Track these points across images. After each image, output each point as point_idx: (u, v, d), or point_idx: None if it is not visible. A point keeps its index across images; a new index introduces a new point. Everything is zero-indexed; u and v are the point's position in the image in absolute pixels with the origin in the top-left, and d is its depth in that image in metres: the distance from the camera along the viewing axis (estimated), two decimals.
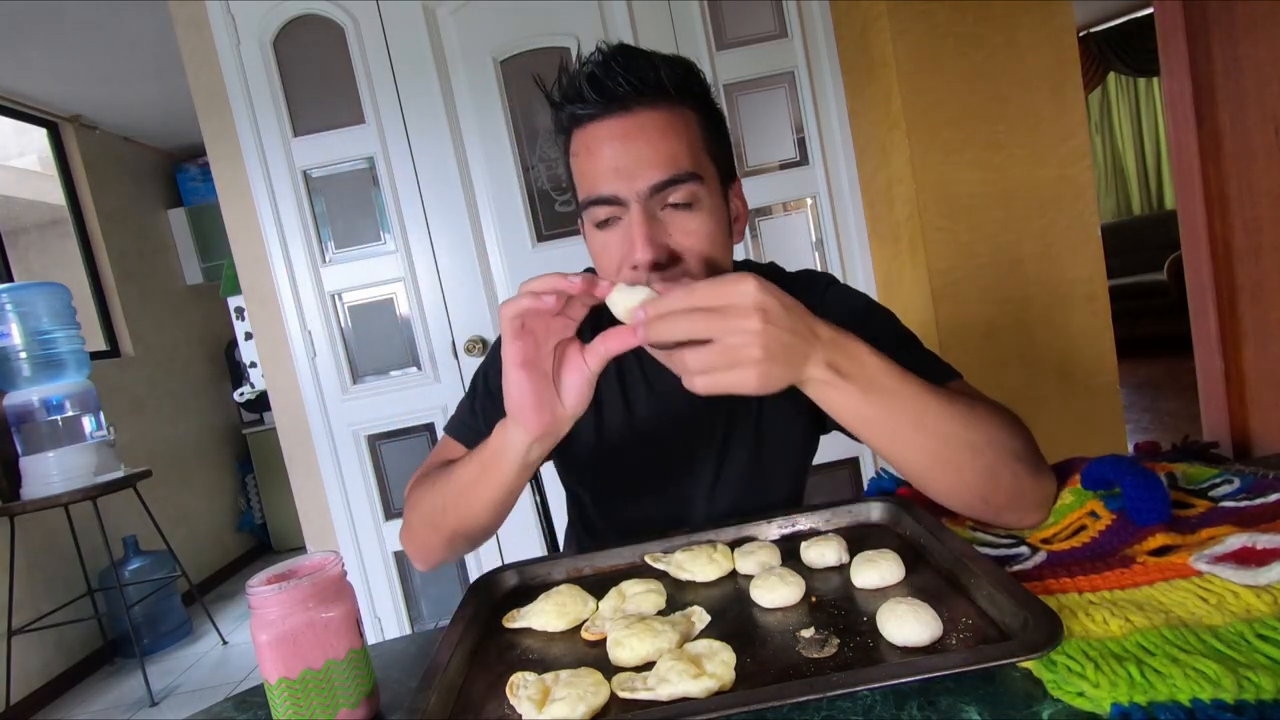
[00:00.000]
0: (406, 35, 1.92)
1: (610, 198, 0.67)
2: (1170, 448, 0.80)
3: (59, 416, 2.47)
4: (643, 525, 0.85)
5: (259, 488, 3.97)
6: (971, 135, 1.68)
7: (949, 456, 0.58)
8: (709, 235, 0.69)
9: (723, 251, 0.71)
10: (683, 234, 0.68)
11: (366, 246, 2.01)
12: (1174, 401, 3.45)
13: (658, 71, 0.67)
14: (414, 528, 0.76)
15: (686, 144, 0.68)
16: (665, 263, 0.67)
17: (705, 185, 0.69)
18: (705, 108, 0.72)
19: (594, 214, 0.69)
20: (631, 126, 0.67)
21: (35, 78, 2.87)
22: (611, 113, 0.67)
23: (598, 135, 0.68)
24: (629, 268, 0.68)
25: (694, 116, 0.70)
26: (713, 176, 0.71)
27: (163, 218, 3.87)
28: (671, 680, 0.46)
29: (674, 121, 0.68)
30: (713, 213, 0.69)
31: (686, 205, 0.68)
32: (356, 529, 2.04)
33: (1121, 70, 5.09)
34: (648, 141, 0.66)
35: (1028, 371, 1.74)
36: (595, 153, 0.68)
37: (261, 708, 0.59)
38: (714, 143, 0.72)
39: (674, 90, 0.68)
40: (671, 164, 0.66)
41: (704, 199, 0.69)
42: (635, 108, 0.67)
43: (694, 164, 0.68)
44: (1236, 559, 0.50)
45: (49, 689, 2.60)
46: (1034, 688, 0.43)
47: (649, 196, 0.67)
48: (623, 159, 0.66)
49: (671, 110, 0.68)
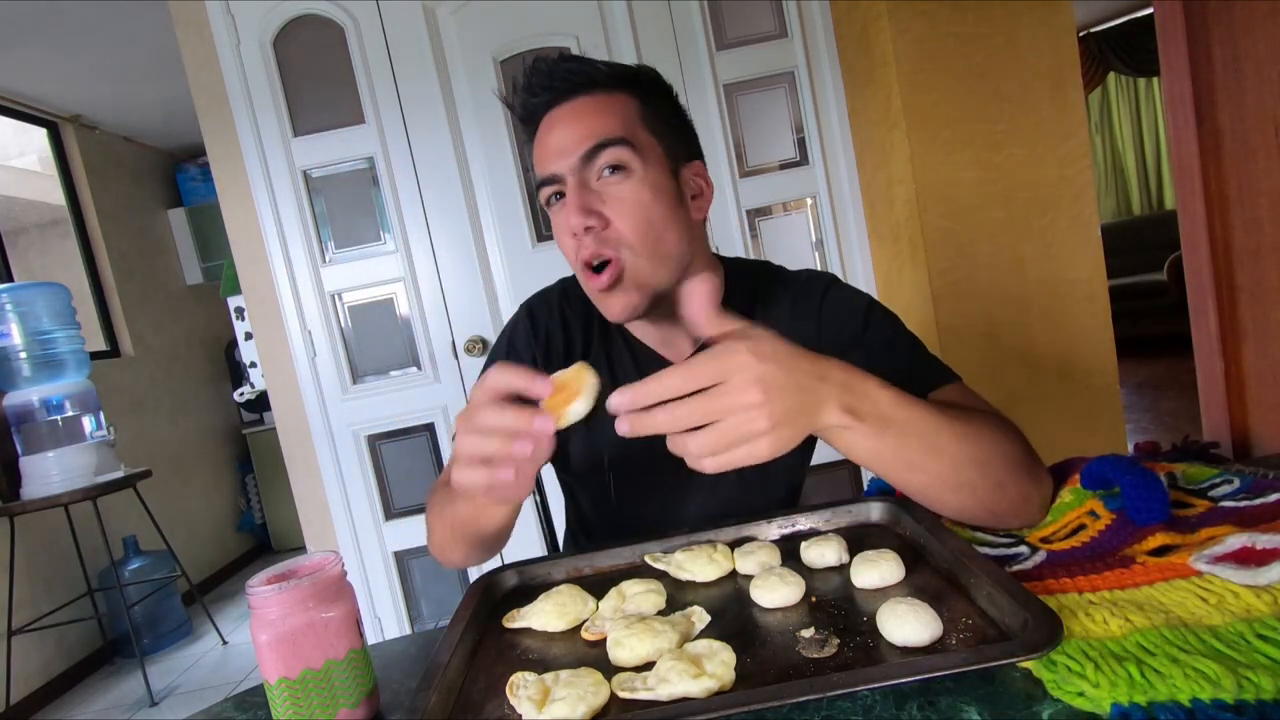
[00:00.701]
0: (406, 35, 1.92)
1: (551, 176, 0.74)
2: (1170, 448, 0.80)
3: (59, 416, 2.47)
4: (640, 525, 0.85)
5: (259, 488, 3.97)
6: (971, 135, 1.68)
7: (961, 478, 0.58)
8: (643, 203, 0.72)
9: (664, 222, 0.74)
10: (615, 201, 0.72)
11: (366, 246, 2.01)
12: (1174, 401, 3.45)
13: (595, 67, 0.74)
14: (434, 542, 0.77)
15: (620, 119, 0.73)
16: (598, 228, 0.72)
17: (638, 154, 0.72)
18: (650, 98, 0.77)
19: (543, 194, 0.76)
20: (569, 112, 0.74)
21: (35, 78, 2.87)
22: (555, 104, 0.74)
23: (544, 125, 0.75)
24: (569, 236, 0.73)
25: (631, 102, 0.75)
26: (652, 148, 0.74)
27: (163, 218, 3.87)
28: (671, 680, 0.46)
29: (608, 103, 0.74)
30: (648, 182, 0.73)
31: (619, 170, 0.72)
32: (356, 529, 2.04)
33: (1121, 70, 5.09)
34: (579, 120, 0.73)
35: (1028, 371, 1.74)
36: (541, 140, 0.75)
37: (261, 708, 0.59)
38: (660, 125, 0.76)
39: (609, 81, 0.74)
40: (600, 134, 0.72)
41: (636, 168, 0.72)
42: (573, 96, 0.74)
43: (625, 132, 0.72)
44: (1236, 559, 0.50)
45: (49, 689, 2.60)
46: (1034, 688, 0.43)
47: (581, 168, 0.72)
48: (560, 139, 0.73)
49: (608, 95, 0.74)
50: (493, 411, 0.52)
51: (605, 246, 0.72)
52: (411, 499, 2.06)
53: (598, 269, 0.73)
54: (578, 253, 0.74)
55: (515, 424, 0.52)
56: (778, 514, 0.73)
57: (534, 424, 0.51)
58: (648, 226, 0.72)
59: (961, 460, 0.58)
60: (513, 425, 0.52)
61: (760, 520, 0.72)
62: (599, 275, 0.73)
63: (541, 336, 0.86)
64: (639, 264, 0.73)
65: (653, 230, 0.73)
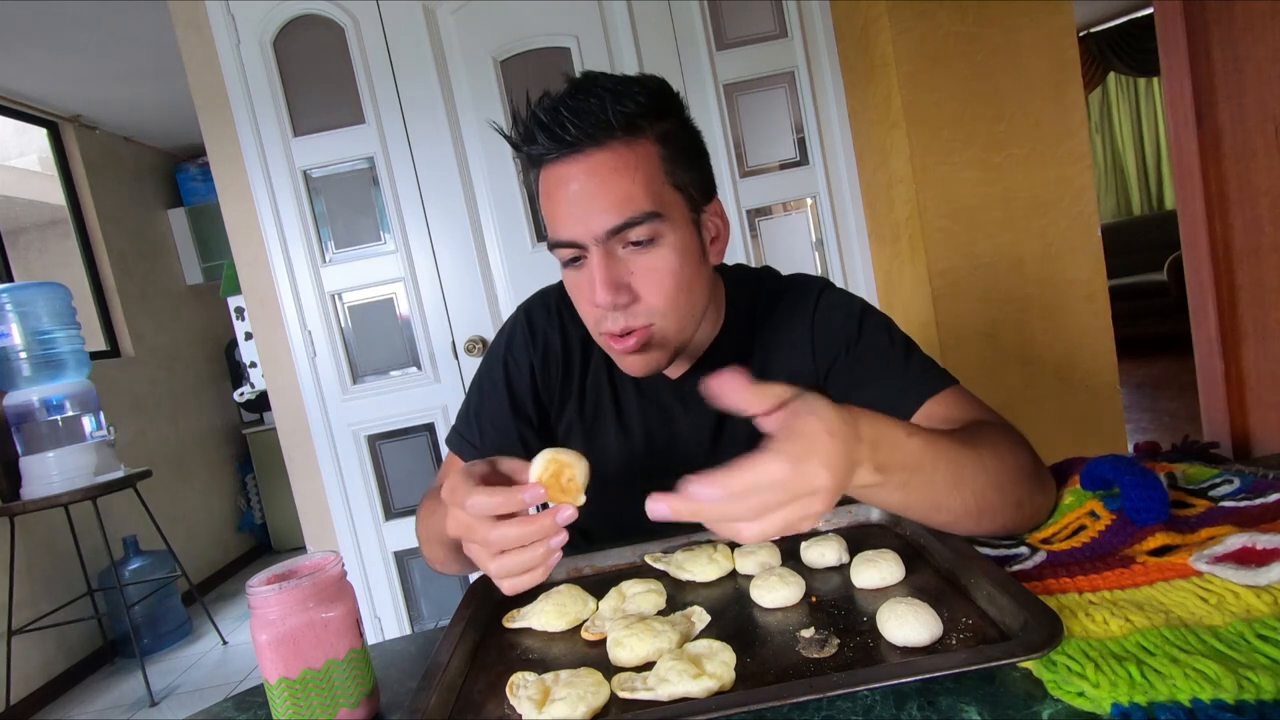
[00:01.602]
0: (406, 35, 1.92)
1: (570, 242, 0.68)
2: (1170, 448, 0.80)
3: (59, 416, 2.47)
4: (634, 528, 0.86)
5: (259, 488, 3.97)
6: (971, 135, 1.68)
7: (984, 505, 0.58)
8: (672, 271, 0.69)
9: (691, 283, 0.71)
10: (644, 272, 0.68)
11: (366, 246, 2.01)
12: (1174, 401, 3.45)
13: (607, 111, 0.65)
14: (426, 552, 0.77)
15: (643, 181, 0.66)
16: (626, 303, 0.68)
17: (667, 220, 0.68)
18: (668, 133, 0.70)
19: (560, 255, 0.70)
20: (584, 170, 0.66)
21: (35, 78, 2.87)
22: (566, 155, 0.67)
23: (555, 177, 0.68)
24: (592, 306, 0.69)
25: (653, 149, 0.68)
26: (677, 206, 0.69)
27: (163, 218, 3.87)
28: (671, 680, 0.46)
29: (628, 160, 0.66)
30: (677, 246, 0.69)
31: (648, 242, 0.67)
32: (356, 529, 2.04)
33: (1121, 70, 5.09)
34: (600, 185, 0.66)
35: (1028, 371, 1.74)
36: (554, 196, 0.68)
37: (261, 708, 0.59)
38: (680, 170, 0.70)
39: (626, 127, 0.66)
40: (627, 205, 0.66)
41: (666, 234, 0.68)
42: (588, 149, 0.66)
43: (652, 201, 0.67)
44: (1236, 559, 0.50)
45: (49, 689, 2.60)
46: (1034, 688, 0.43)
47: (606, 239, 0.67)
48: (578, 204, 0.66)
49: (627, 146, 0.66)
50: (513, 527, 0.52)
51: (634, 320, 0.69)
52: (412, 499, 2.06)
53: (623, 335, 0.70)
54: (600, 323, 0.71)
55: (544, 531, 0.52)
56: None
57: (560, 521, 0.53)
58: (677, 293, 0.69)
59: (982, 488, 0.57)
60: (542, 533, 0.53)
61: None
62: (625, 340, 0.70)
63: (540, 344, 0.84)
64: (667, 327, 0.71)
65: (681, 294, 0.70)
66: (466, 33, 1.94)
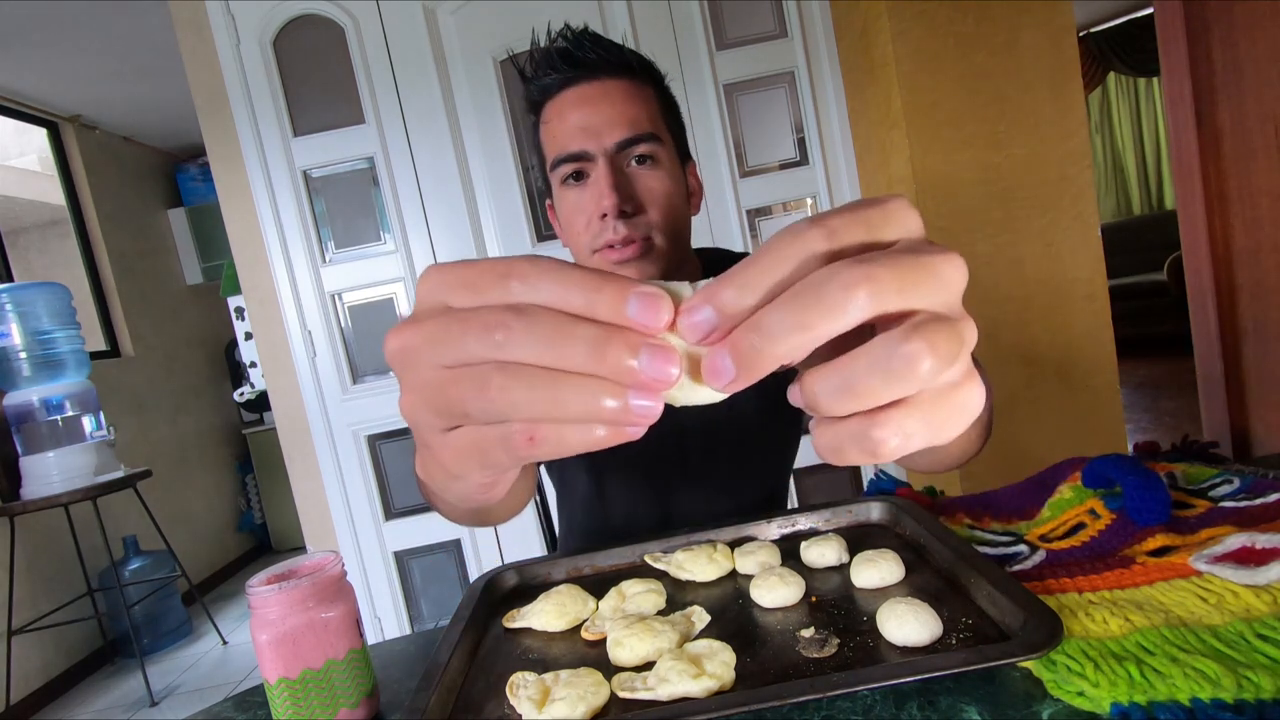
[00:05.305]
0: (406, 35, 1.92)
1: (579, 154, 0.73)
2: (1170, 448, 0.80)
3: (59, 416, 2.47)
4: (629, 524, 0.86)
5: (259, 488, 3.97)
6: (971, 135, 1.68)
7: (985, 423, 0.56)
8: (669, 193, 0.75)
9: (680, 215, 0.77)
10: (646, 188, 0.74)
11: (366, 246, 2.01)
12: (1174, 401, 3.45)
13: (622, 51, 0.75)
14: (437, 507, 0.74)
15: (648, 111, 0.75)
16: (631, 211, 0.73)
17: (664, 148, 0.76)
18: (663, 93, 0.80)
19: (562, 171, 0.75)
20: (599, 92, 0.74)
21: (35, 78, 2.87)
22: (580, 80, 0.74)
23: (568, 100, 0.75)
24: (598, 218, 0.73)
25: (653, 94, 0.78)
26: (670, 145, 0.77)
27: (163, 218, 3.87)
28: (671, 680, 0.46)
29: (638, 91, 0.76)
30: (671, 175, 0.76)
31: (649, 160, 0.74)
32: (356, 529, 2.04)
33: (1121, 70, 5.09)
34: (613, 104, 0.73)
35: (1028, 371, 1.74)
36: (565, 116, 0.74)
37: (261, 708, 0.59)
38: (671, 121, 0.79)
39: (637, 68, 0.76)
40: (636, 124, 0.73)
41: (664, 160, 0.75)
42: (603, 76, 0.74)
43: (654, 128, 0.75)
44: (1236, 559, 0.50)
45: (49, 689, 2.60)
46: (1034, 687, 0.43)
47: (615, 152, 0.73)
48: (591, 119, 0.73)
49: (635, 82, 0.76)
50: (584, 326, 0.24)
51: (636, 231, 0.73)
52: (411, 499, 2.06)
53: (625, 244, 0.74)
54: (599, 235, 0.73)
55: (634, 349, 0.23)
56: (778, 514, 0.73)
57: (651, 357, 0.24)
58: (673, 217, 0.75)
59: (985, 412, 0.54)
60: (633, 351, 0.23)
61: (760, 520, 0.72)
62: (625, 249, 0.73)
63: None
64: (664, 244, 0.75)
65: (675, 222, 0.76)
66: (466, 33, 1.94)
